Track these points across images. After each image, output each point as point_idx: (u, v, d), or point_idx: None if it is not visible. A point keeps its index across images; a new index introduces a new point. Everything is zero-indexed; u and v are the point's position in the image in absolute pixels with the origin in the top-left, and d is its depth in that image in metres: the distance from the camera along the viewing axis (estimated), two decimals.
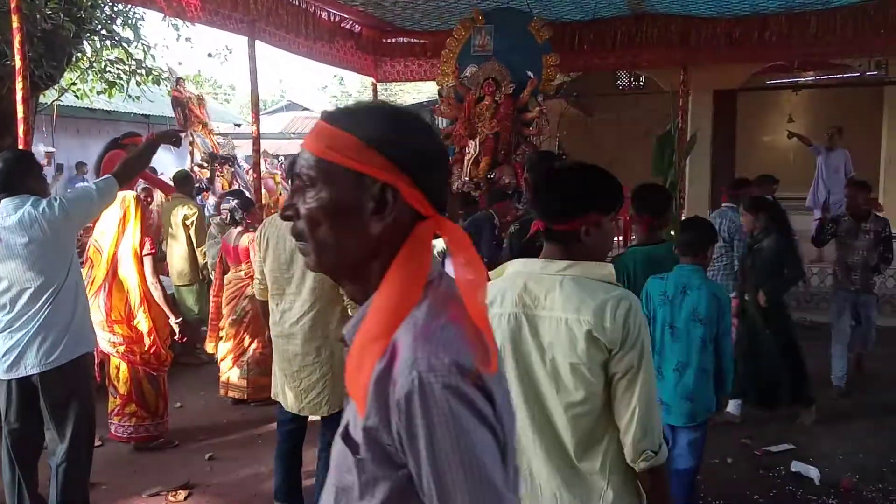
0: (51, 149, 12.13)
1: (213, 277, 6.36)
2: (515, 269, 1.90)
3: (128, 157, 3.63)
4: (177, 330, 4.67)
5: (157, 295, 4.52)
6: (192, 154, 10.98)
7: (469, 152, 7.62)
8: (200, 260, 6.38)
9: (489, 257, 5.99)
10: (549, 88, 7.86)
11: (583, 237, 1.83)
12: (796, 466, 4.30)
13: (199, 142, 10.85)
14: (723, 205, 5.85)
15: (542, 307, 1.80)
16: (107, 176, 3.46)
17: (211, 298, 5.92)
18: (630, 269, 3.31)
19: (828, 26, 7.43)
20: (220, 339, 5.59)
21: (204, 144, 10.91)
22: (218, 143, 11.47)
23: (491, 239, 6.04)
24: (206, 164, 10.52)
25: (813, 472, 4.21)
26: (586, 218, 1.83)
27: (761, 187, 6.21)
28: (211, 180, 9.41)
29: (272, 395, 3.68)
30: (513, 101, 7.69)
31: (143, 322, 4.48)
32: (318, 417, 3.55)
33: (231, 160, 10.52)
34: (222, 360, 5.53)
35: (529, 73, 7.62)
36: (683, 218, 8.49)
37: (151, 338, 4.50)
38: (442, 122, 8.86)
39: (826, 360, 5.67)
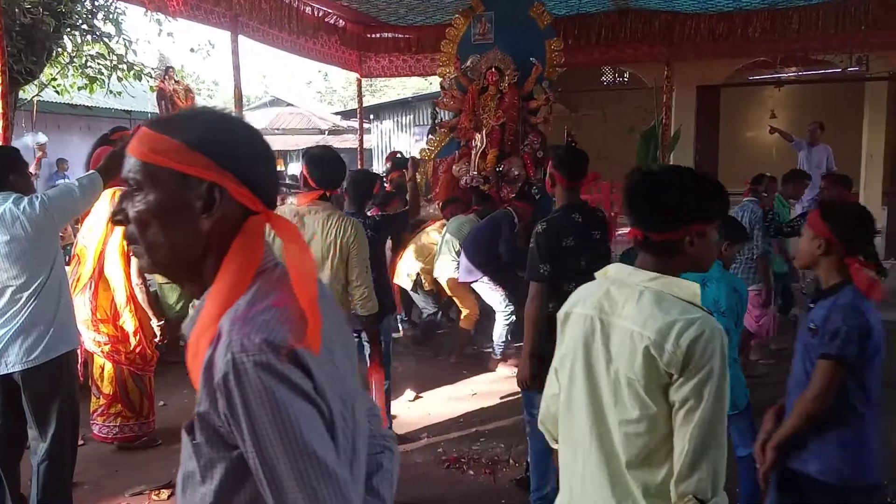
0: (42, 139, 11.89)
1: None
2: (609, 273, 1.83)
3: (113, 152, 3.53)
4: (158, 333, 4.60)
5: (141, 297, 4.46)
6: None
7: (475, 145, 7.44)
8: None
9: (507, 256, 5.96)
10: (553, 75, 7.66)
11: (687, 248, 1.73)
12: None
13: None
14: (743, 199, 5.88)
15: (618, 315, 1.73)
16: (91, 172, 3.41)
17: None
18: None
19: (809, 22, 7.51)
20: None
21: None
22: None
23: (509, 238, 5.99)
24: None
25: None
26: (691, 227, 1.71)
27: (792, 184, 6.18)
28: None
29: None
30: (517, 89, 7.51)
31: (128, 322, 4.43)
32: None
33: None
34: None
35: (533, 60, 7.42)
36: None
37: (137, 337, 4.44)
38: (446, 115, 8.71)
39: None
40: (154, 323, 4.56)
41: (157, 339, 4.63)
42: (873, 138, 11.01)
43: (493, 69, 7.50)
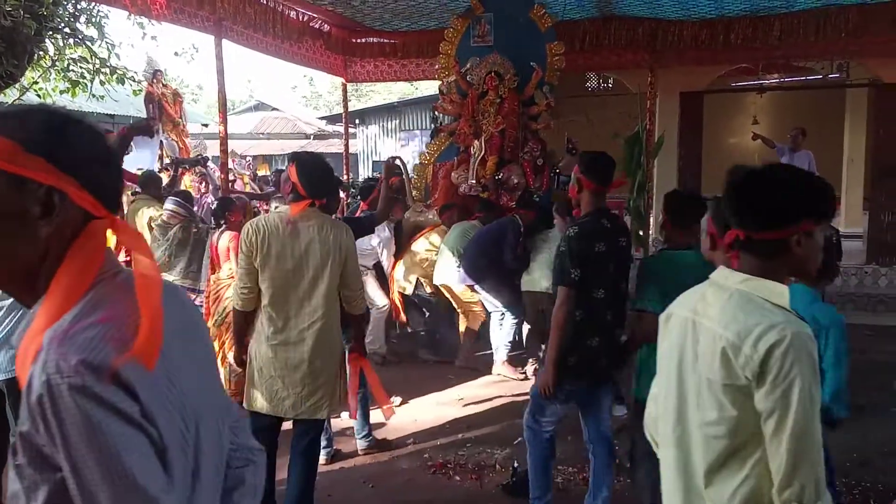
0: None
1: None
2: (713, 276, 1.78)
3: None
4: None
5: None
6: (161, 157, 10.76)
7: (474, 152, 7.29)
8: None
9: (512, 262, 5.92)
10: (554, 79, 7.53)
11: (794, 247, 1.64)
12: None
13: (166, 144, 10.63)
14: None
15: (707, 316, 1.70)
16: None
17: (203, 301, 5.83)
18: (660, 273, 3.29)
19: (791, 29, 7.60)
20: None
21: (170, 147, 10.69)
22: (190, 143, 11.23)
23: (514, 244, 5.91)
24: (169, 168, 10.32)
25: None
26: (801, 226, 1.63)
27: None
28: (171, 184, 9.20)
29: (244, 404, 3.53)
30: (517, 95, 7.37)
31: None
32: (290, 425, 3.51)
33: (200, 162, 10.36)
34: None
35: (533, 64, 7.30)
36: (650, 216, 8.65)
37: None
38: (446, 119, 8.53)
39: None
40: None
41: None
42: (854, 144, 11.14)
43: (493, 74, 7.34)
